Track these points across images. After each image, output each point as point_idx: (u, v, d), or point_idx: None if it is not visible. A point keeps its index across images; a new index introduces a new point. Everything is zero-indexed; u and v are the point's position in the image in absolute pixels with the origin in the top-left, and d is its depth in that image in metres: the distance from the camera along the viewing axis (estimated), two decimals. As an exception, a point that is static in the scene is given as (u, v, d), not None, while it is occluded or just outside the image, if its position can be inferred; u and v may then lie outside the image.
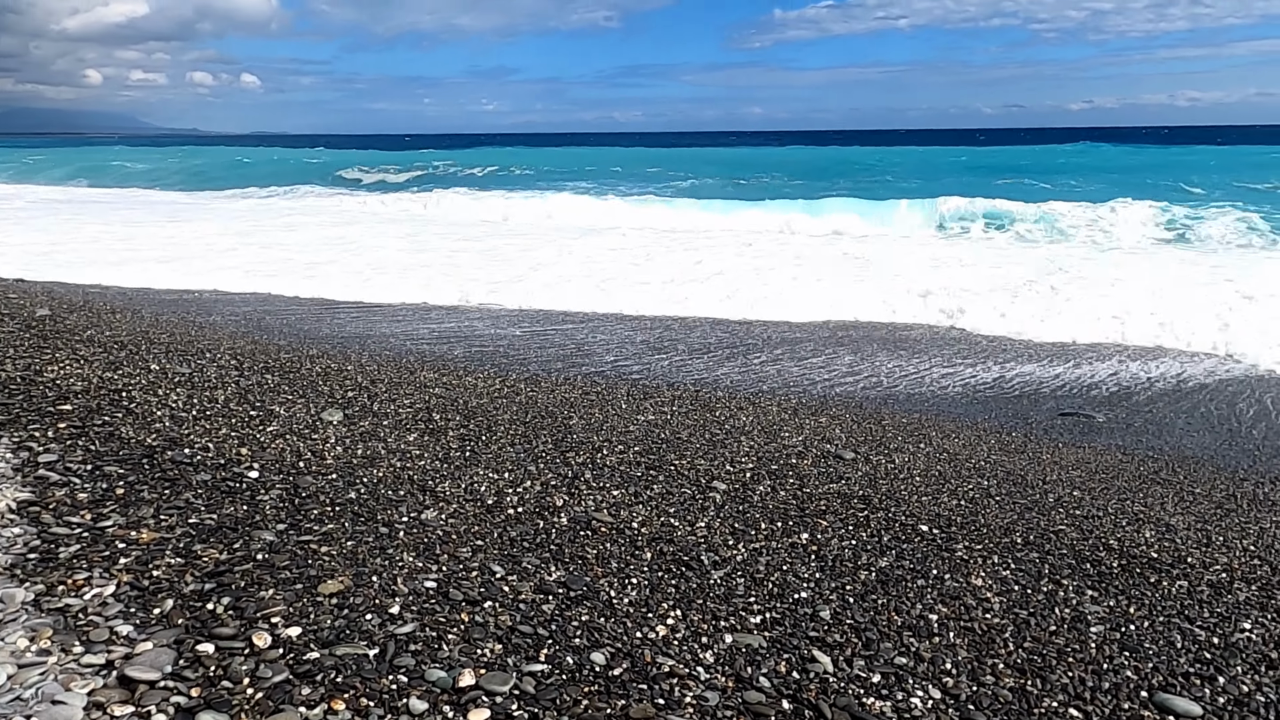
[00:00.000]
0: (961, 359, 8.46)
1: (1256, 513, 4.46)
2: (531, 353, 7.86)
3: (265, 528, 2.67)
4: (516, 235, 19.67)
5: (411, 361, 6.70)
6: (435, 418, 4.60)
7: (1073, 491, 4.54)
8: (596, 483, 3.75)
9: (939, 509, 3.97)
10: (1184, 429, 6.35)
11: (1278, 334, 9.07)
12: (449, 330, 8.97)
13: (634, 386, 6.44)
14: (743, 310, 10.72)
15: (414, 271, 13.57)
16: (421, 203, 27.89)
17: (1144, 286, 12.09)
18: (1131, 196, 22.55)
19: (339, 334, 8.24)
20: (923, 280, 12.70)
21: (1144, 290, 11.80)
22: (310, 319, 9.24)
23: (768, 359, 8.13)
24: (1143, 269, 13.93)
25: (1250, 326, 9.42)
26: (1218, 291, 11.54)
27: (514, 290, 11.82)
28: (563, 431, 4.69)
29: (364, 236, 18.71)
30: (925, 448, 5.27)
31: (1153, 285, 12.15)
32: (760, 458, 4.57)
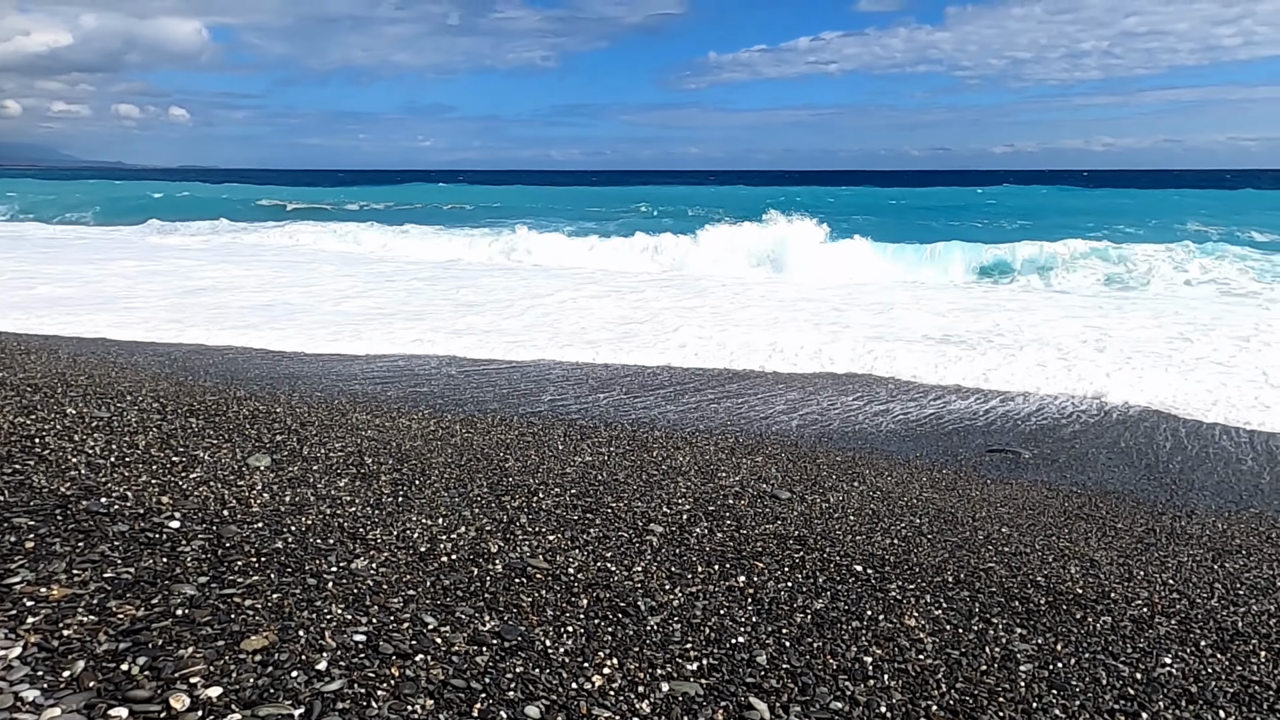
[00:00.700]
0: (892, 397, 8.62)
1: (1174, 546, 4.61)
2: (468, 393, 7.78)
3: (186, 581, 2.57)
4: (447, 274, 19.55)
5: (343, 403, 6.57)
6: (367, 462, 4.50)
7: (1001, 528, 4.65)
8: (532, 527, 3.70)
9: (873, 548, 4.01)
10: (1105, 464, 6.55)
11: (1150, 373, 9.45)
12: (382, 370, 8.83)
13: (571, 427, 6.41)
14: (677, 355, 10.78)
15: (347, 310, 13.36)
16: (351, 239, 27.48)
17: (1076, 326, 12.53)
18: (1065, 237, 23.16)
19: (268, 375, 8.05)
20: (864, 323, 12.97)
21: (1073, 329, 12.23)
22: (240, 359, 9.01)
23: (706, 399, 8.18)
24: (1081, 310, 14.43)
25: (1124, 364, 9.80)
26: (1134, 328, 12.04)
27: (451, 330, 11.72)
28: (498, 474, 4.63)
29: (286, 275, 18.39)
30: (859, 486, 5.34)
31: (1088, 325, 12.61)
32: (697, 499, 4.58)
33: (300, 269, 19.52)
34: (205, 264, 19.93)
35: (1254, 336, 11.83)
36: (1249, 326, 12.60)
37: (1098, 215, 37.73)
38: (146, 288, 15.18)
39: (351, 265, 20.89)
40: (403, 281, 17.65)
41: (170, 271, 18.09)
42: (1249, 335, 11.92)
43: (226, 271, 18.36)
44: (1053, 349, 10.87)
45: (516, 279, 18.43)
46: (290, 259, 22.12)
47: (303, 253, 24.49)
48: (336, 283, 17.05)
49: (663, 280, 18.59)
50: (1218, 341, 11.47)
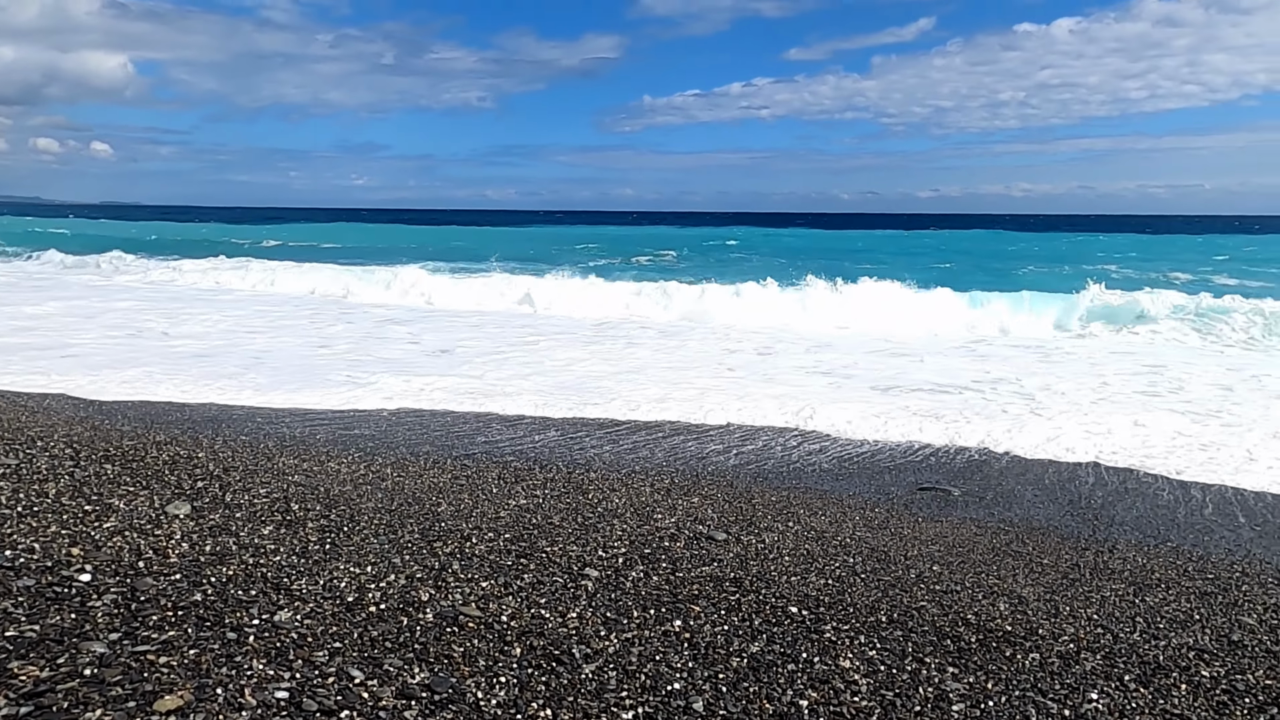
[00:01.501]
0: (823, 437, 8.72)
1: (1098, 581, 4.73)
2: (399, 435, 7.63)
3: (96, 638, 2.44)
4: (365, 316, 19.30)
5: (270, 447, 6.38)
6: (294, 508, 4.37)
7: (932, 566, 4.71)
8: (465, 574, 3.63)
9: (807, 589, 4.03)
10: (1032, 500, 6.71)
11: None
12: (312, 412, 8.62)
13: (505, 469, 6.33)
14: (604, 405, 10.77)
15: (270, 349, 13.06)
16: (267, 279, 26.76)
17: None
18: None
19: (191, 418, 7.79)
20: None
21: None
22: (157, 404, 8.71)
23: (641, 440, 8.17)
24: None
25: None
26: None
27: (383, 369, 11.53)
28: (430, 519, 4.54)
29: (206, 315, 17.93)
30: (794, 526, 5.37)
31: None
32: (633, 541, 4.55)
33: (203, 306, 19.05)
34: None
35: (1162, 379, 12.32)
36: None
37: (1055, 259, 39.71)
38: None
39: (262, 304, 20.47)
40: (312, 322, 17.34)
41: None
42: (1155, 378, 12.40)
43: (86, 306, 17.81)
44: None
45: (496, 327, 18.26)
46: (185, 297, 21.58)
47: (201, 290, 23.91)
48: (250, 322, 16.67)
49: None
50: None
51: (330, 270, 26.89)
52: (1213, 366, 13.49)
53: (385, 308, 20.31)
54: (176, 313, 17.55)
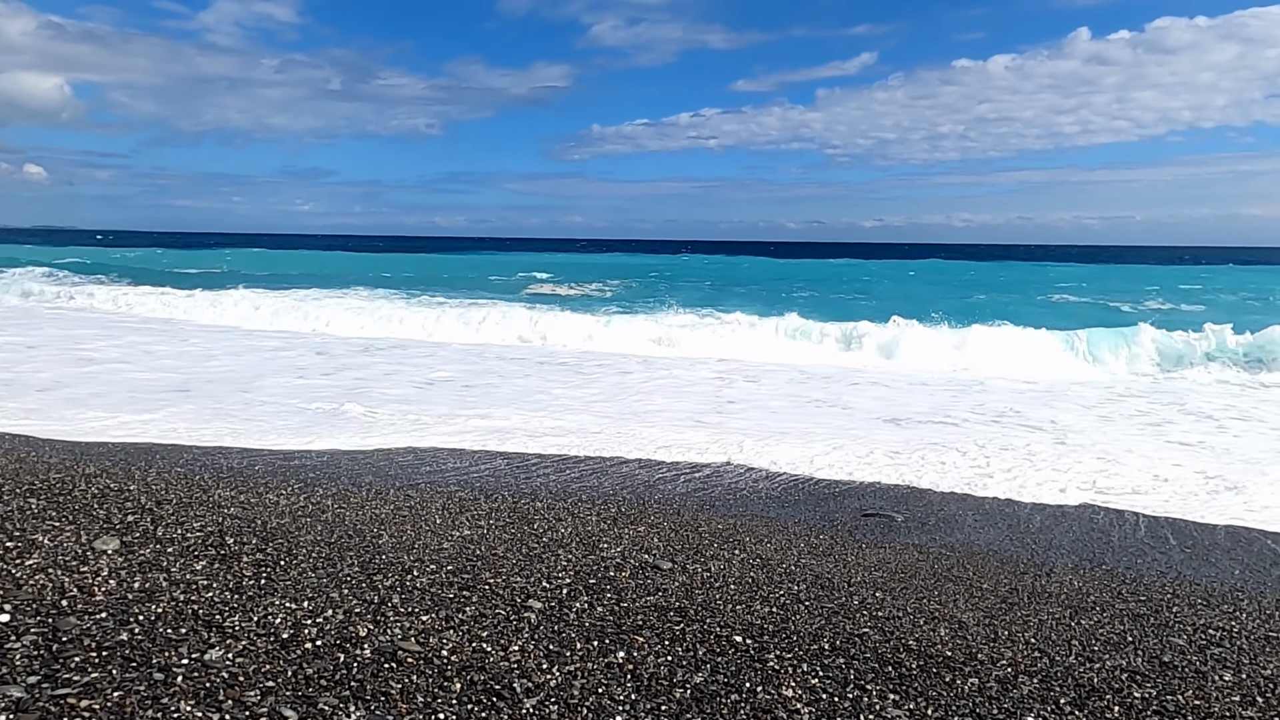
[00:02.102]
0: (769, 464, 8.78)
1: (1036, 605, 4.81)
2: (342, 466, 7.49)
3: (13, 682, 2.35)
4: (295, 345, 19.01)
5: (206, 478, 6.22)
6: (229, 542, 4.26)
7: (875, 593, 4.75)
8: (405, 608, 3.56)
9: (752, 617, 4.03)
10: (973, 525, 6.82)
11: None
12: (252, 443, 8.42)
13: (450, 500, 6.25)
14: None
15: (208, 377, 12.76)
16: (212, 307, 26.21)
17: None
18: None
19: (123, 447, 7.56)
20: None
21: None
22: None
23: (589, 468, 8.13)
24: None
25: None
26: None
27: (327, 400, 11.34)
28: (371, 552, 4.45)
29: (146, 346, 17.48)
30: (740, 554, 5.38)
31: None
32: (578, 571, 4.51)
33: (139, 334, 18.59)
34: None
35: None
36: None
37: (1026, 288, 40.77)
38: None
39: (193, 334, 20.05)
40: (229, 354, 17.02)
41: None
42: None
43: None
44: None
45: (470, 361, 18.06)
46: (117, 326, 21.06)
47: (128, 319, 23.37)
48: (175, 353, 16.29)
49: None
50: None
51: (280, 299, 26.36)
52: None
53: (291, 336, 20.01)
54: (94, 340, 17.08)
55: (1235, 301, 34.88)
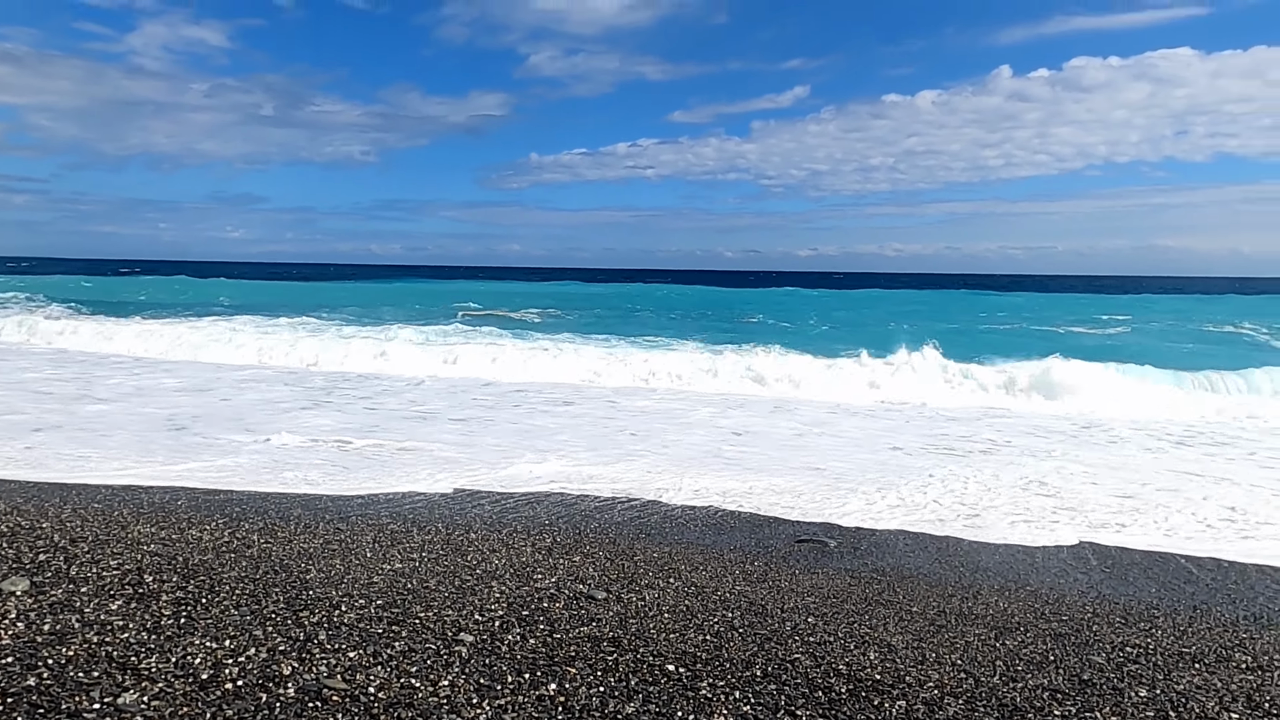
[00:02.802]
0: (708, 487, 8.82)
1: (963, 627, 4.91)
2: (270, 500, 7.31)
3: (-93, 734, 2.23)
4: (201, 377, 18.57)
5: (125, 515, 6.01)
6: (147, 580, 4.12)
7: (808, 618, 4.80)
8: (331, 644, 3.49)
9: (685, 645, 4.04)
10: (903, 549, 6.94)
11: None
12: (177, 474, 8.16)
13: (381, 532, 6.14)
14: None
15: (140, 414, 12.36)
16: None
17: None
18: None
19: (36, 481, 7.26)
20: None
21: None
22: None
23: (523, 499, 8.07)
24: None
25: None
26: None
27: (244, 434, 11.06)
28: (298, 587, 4.35)
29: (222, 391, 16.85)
30: (675, 582, 5.39)
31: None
32: (511, 603, 4.47)
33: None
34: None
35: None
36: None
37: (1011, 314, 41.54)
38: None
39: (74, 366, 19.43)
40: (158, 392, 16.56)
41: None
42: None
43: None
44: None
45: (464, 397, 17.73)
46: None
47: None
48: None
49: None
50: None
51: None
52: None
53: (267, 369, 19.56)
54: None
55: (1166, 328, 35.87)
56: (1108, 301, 54.78)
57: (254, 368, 18.96)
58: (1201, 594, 6.01)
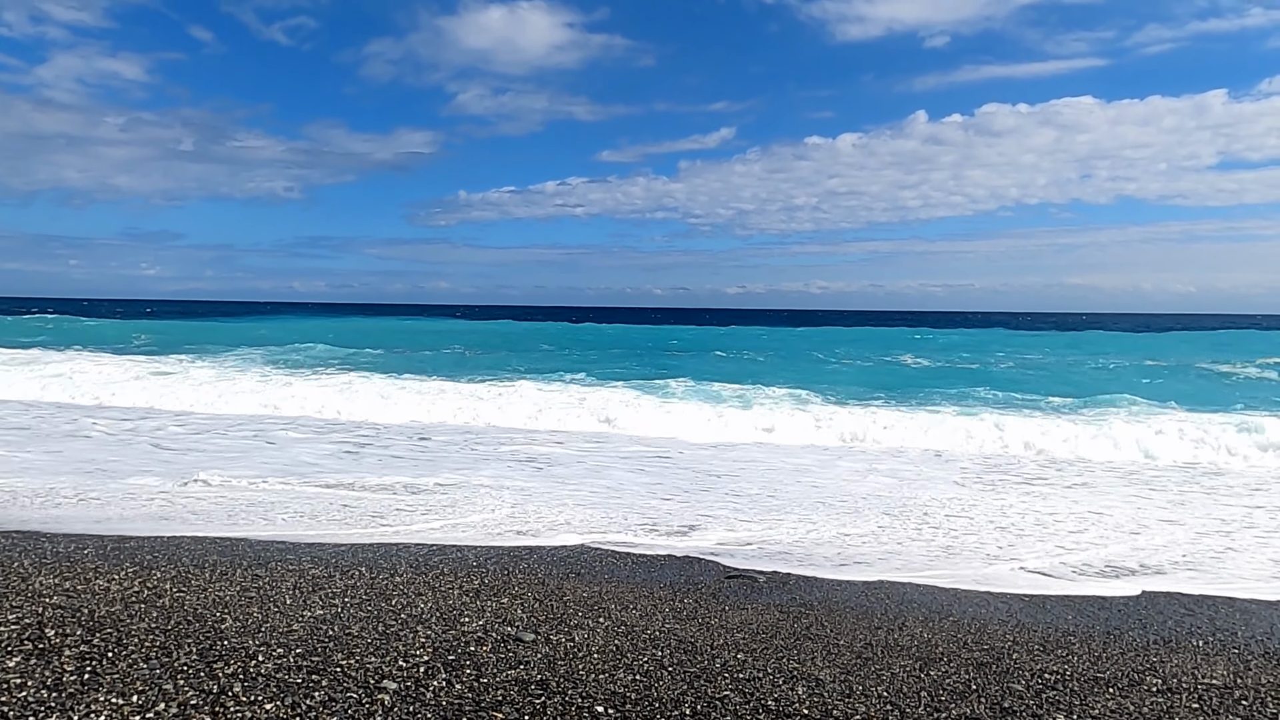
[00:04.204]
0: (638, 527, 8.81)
1: (889, 658, 4.98)
2: (183, 549, 7.03)
3: None
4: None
5: (25, 565, 5.71)
6: (49, 634, 3.92)
7: (737, 654, 4.81)
8: (247, 696, 3.36)
9: (615, 686, 4.00)
10: (830, 580, 7.01)
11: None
12: (84, 517, 7.80)
13: (302, 578, 5.95)
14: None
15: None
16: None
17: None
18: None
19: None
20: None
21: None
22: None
23: (448, 542, 7.93)
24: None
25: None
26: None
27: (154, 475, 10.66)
28: (212, 638, 4.19)
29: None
30: (605, 621, 5.34)
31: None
32: (437, 648, 4.38)
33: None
34: None
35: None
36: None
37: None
38: None
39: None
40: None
41: None
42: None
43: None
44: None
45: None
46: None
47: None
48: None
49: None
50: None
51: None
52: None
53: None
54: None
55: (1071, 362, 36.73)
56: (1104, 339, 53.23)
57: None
58: (1115, 619, 6.21)
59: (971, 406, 19.35)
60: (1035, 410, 18.90)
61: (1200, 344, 46.53)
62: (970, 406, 19.33)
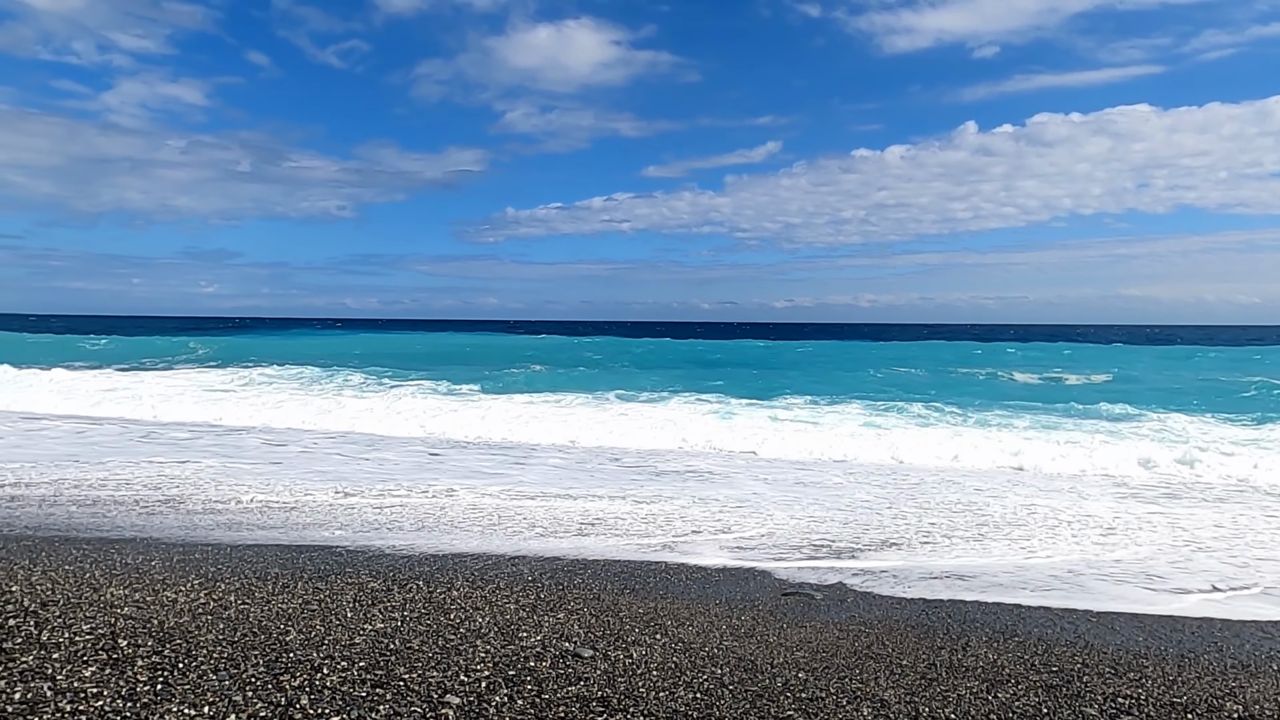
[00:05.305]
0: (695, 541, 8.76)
1: (954, 680, 4.87)
2: (246, 560, 7.16)
3: None
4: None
5: (97, 576, 5.86)
6: (121, 644, 4.01)
7: (798, 673, 4.74)
8: (315, 709, 3.39)
9: (676, 704, 3.97)
10: (889, 599, 6.89)
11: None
12: (152, 528, 7.99)
13: (362, 591, 6.02)
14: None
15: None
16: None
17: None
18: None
19: (3, 546, 7.07)
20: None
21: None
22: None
23: (504, 556, 7.96)
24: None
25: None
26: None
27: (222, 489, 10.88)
28: (277, 649, 4.24)
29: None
30: (662, 638, 5.31)
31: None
32: (497, 663, 4.38)
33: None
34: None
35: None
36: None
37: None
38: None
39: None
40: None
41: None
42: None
43: None
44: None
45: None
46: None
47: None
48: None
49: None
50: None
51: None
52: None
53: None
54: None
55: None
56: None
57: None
58: (1188, 641, 6.00)
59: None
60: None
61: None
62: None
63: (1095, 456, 14.33)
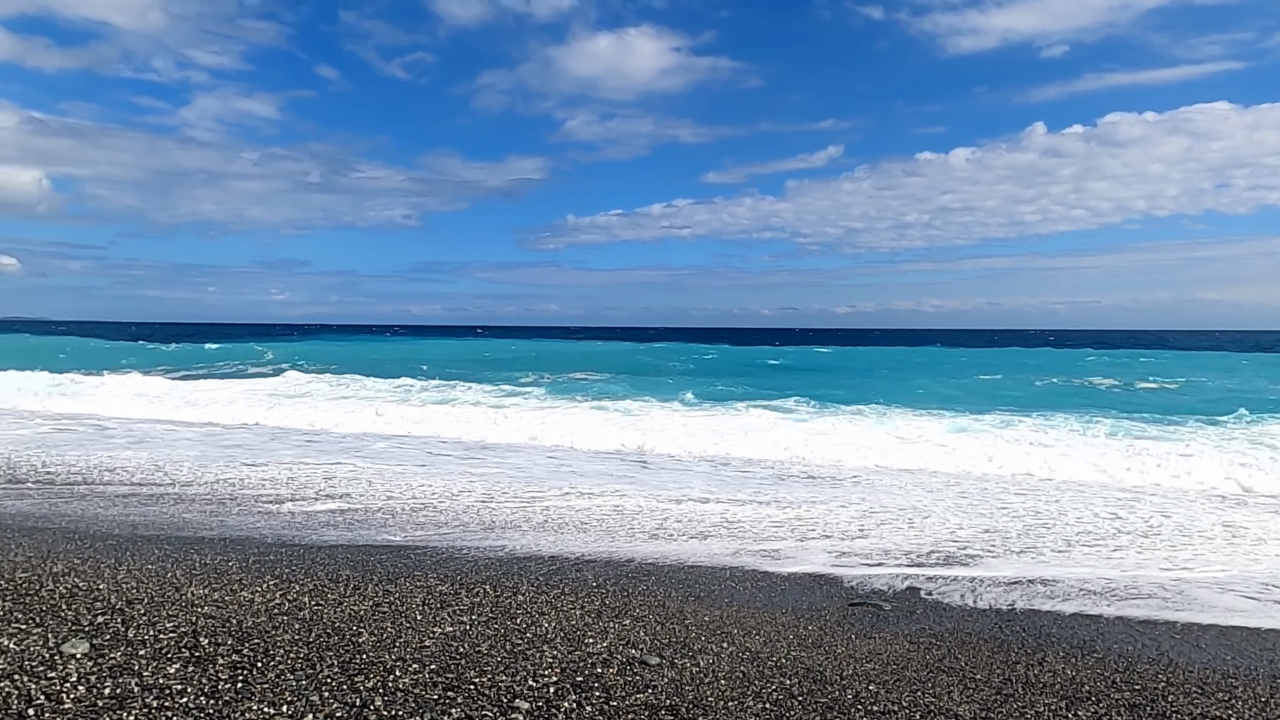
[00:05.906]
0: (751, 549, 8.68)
1: (1031, 696, 4.73)
2: (319, 562, 7.31)
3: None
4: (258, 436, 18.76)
5: (178, 575, 6.04)
6: (203, 642, 4.12)
7: (869, 686, 4.65)
8: (389, 710, 3.44)
9: (745, 715, 3.93)
10: (959, 610, 6.73)
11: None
12: (233, 526, 8.22)
13: (430, 594, 6.10)
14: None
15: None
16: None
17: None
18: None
19: (91, 546, 7.34)
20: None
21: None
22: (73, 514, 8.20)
23: (570, 557, 7.99)
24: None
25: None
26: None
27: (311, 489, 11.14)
28: (351, 651, 4.32)
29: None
30: (728, 647, 5.27)
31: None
32: (564, 669, 4.39)
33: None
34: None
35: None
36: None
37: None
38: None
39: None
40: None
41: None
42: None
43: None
44: None
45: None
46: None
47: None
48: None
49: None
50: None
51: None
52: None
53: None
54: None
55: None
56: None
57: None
58: (1279, 660, 5.74)
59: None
60: None
61: None
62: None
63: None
